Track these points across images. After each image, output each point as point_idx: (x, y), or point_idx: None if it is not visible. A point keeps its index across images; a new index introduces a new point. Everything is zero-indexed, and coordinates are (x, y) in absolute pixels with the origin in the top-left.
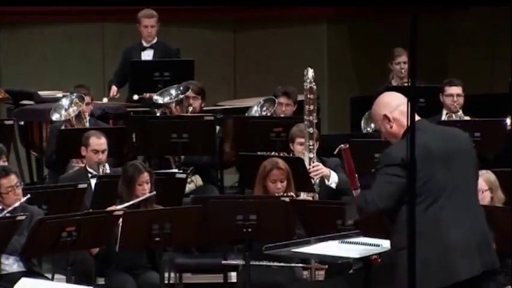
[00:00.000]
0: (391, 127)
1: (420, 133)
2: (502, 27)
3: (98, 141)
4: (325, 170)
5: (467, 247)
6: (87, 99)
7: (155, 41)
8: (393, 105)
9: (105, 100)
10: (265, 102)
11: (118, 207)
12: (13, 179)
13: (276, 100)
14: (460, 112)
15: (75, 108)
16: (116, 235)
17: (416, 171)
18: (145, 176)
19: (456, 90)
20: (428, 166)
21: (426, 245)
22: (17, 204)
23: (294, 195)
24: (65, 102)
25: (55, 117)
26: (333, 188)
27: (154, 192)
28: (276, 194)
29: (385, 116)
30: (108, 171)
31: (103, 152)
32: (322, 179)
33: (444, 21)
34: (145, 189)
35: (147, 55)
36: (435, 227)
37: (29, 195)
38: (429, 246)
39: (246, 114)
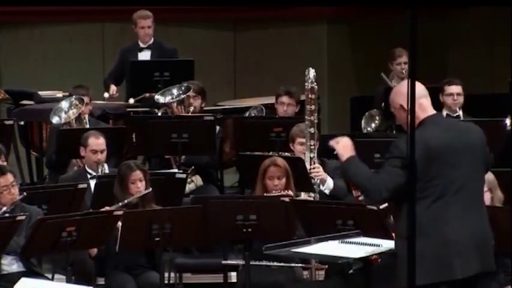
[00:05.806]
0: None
1: (427, 129)
2: (501, 27)
3: (97, 142)
4: (323, 175)
5: (466, 246)
6: (86, 99)
7: (151, 41)
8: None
9: (106, 95)
10: (253, 109)
11: (112, 208)
12: (9, 178)
13: (278, 100)
14: (460, 112)
15: (75, 110)
16: (116, 235)
17: (416, 170)
18: (137, 173)
19: (456, 89)
20: (431, 164)
21: (426, 240)
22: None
23: (293, 194)
24: (64, 104)
25: (55, 120)
26: (326, 194)
27: (150, 189)
28: (274, 192)
29: (401, 106)
30: (107, 171)
31: (101, 152)
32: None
33: (444, 21)
34: (138, 187)
35: (144, 56)
36: (437, 223)
37: (24, 194)
38: (429, 241)
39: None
